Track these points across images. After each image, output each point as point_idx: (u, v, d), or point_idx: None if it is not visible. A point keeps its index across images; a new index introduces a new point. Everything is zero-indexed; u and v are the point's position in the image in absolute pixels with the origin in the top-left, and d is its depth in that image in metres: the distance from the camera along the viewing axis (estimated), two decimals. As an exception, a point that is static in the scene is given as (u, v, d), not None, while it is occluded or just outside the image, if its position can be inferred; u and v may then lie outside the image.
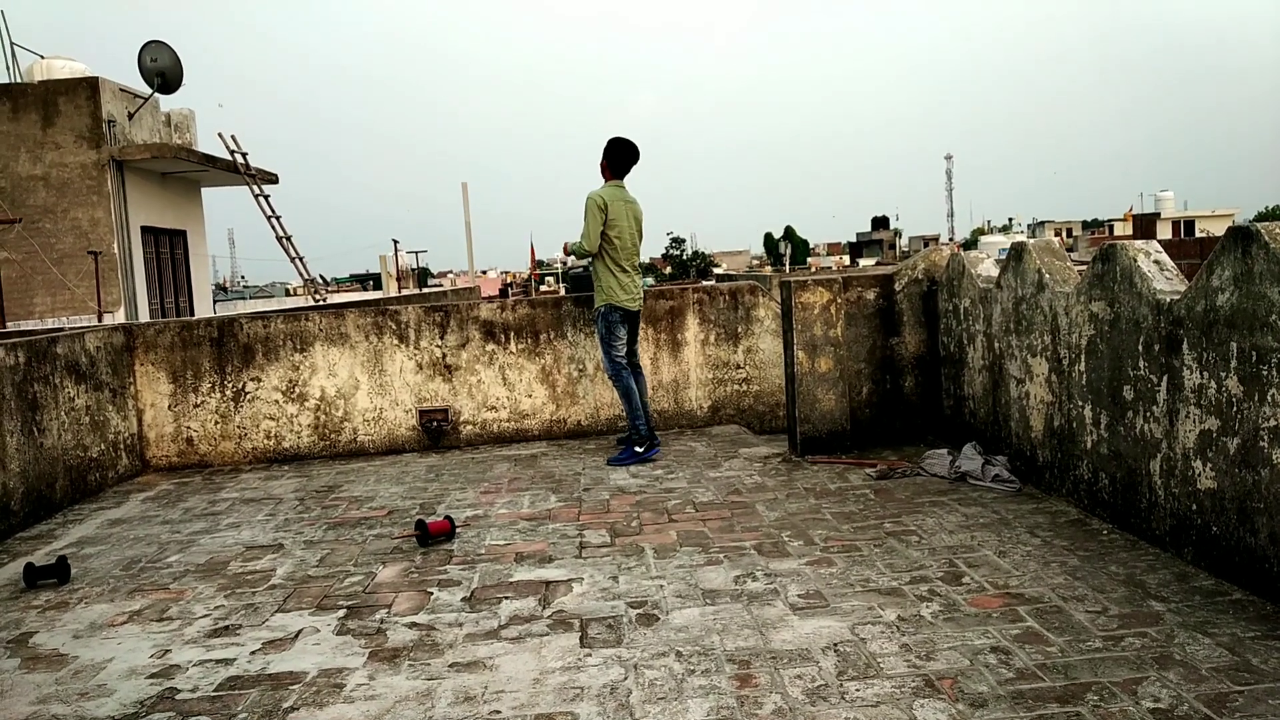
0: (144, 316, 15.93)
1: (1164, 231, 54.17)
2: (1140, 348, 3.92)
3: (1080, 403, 4.40)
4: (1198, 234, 51.68)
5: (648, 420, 6.29)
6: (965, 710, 2.65)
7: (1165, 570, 3.60)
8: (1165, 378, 3.76)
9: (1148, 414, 3.88)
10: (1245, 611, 3.18)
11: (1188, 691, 2.67)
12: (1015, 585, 3.55)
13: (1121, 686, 2.73)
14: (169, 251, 17.79)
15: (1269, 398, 3.19)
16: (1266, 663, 2.81)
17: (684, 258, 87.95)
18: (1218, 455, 3.46)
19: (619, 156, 6.32)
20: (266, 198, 18.45)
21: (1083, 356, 4.36)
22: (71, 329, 7.56)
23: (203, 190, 19.35)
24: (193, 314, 17.74)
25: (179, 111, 18.36)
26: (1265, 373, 3.21)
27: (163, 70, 16.58)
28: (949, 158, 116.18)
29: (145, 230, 16.73)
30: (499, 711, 2.82)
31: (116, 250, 15.53)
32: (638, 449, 6.14)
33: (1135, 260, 4.00)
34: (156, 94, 16.86)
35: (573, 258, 6.46)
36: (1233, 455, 3.38)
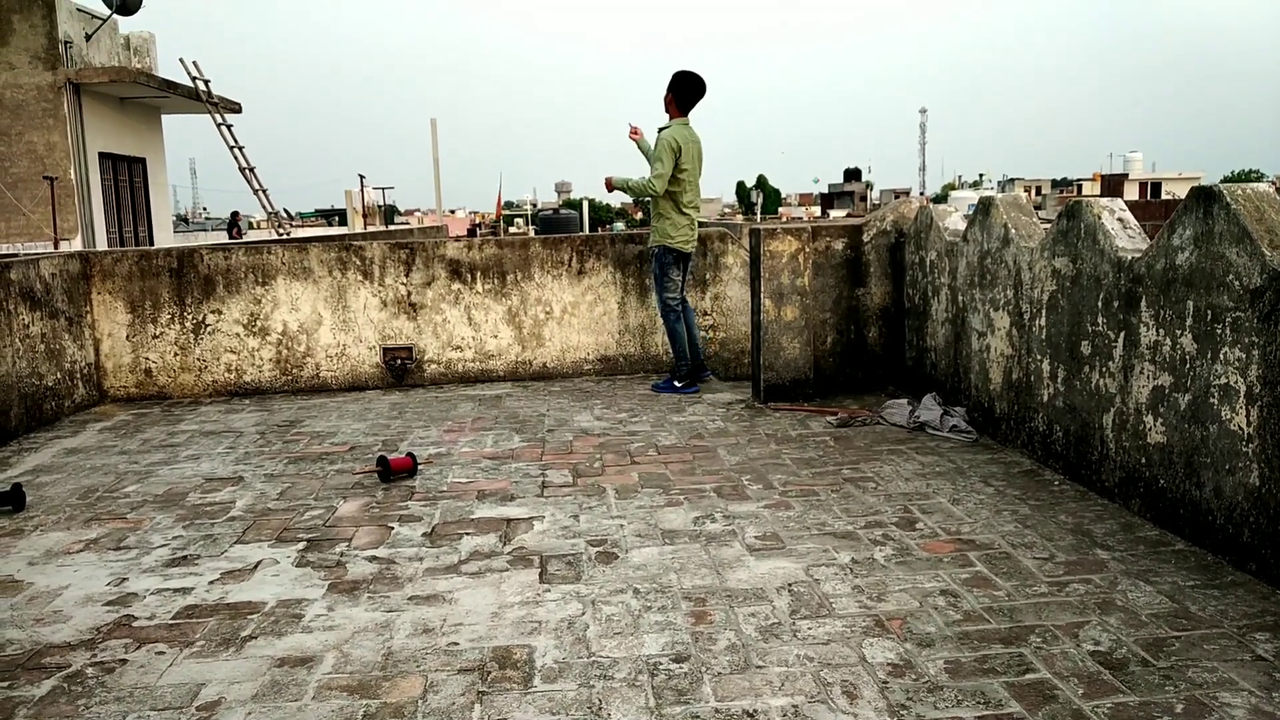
0: (102, 245, 15.59)
1: (1131, 192, 54.64)
2: (1100, 304, 3.97)
3: (1039, 357, 4.46)
4: (1164, 196, 52.16)
5: (696, 354, 6.55)
6: (913, 649, 2.72)
7: (1112, 520, 3.70)
8: (1123, 334, 3.82)
9: (1104, 369, 3.95)
10: (1187, 561, 3.29)
11: (1127, 636, 2.76)
12: (967, 532, 3.64)
13: (1064, 630, 2.81)
14: (128, 179, 17.37)
15: (1221, 356, 3.26)
16: (1204, 610, 2.91)
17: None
18: (1169, 411, 3.54)
19: (686, 91, 6.32)
20: (229, 127, 18.02)
21: (1044, 311, 4.41)
22: (26, 255, 7.39)
23: (163, 117, 18.85)
24: (152, 244, 17.38)
25: (138, 34, 17.80)
26: (1219, 331, 3.27)
27: (122, -10, 16.02)
28: (924, 111, 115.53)
29: (103, 156, 16.30)
30: (457, 643, 2.85)
31: (73, 176, 15.14)
32: (677, 383, 6.46)
33: (1099, 217, 4.04)
34: (115, 15, 16.31)
35: (619, 192, 6.51)
36: (1183, 411, 3.46)
